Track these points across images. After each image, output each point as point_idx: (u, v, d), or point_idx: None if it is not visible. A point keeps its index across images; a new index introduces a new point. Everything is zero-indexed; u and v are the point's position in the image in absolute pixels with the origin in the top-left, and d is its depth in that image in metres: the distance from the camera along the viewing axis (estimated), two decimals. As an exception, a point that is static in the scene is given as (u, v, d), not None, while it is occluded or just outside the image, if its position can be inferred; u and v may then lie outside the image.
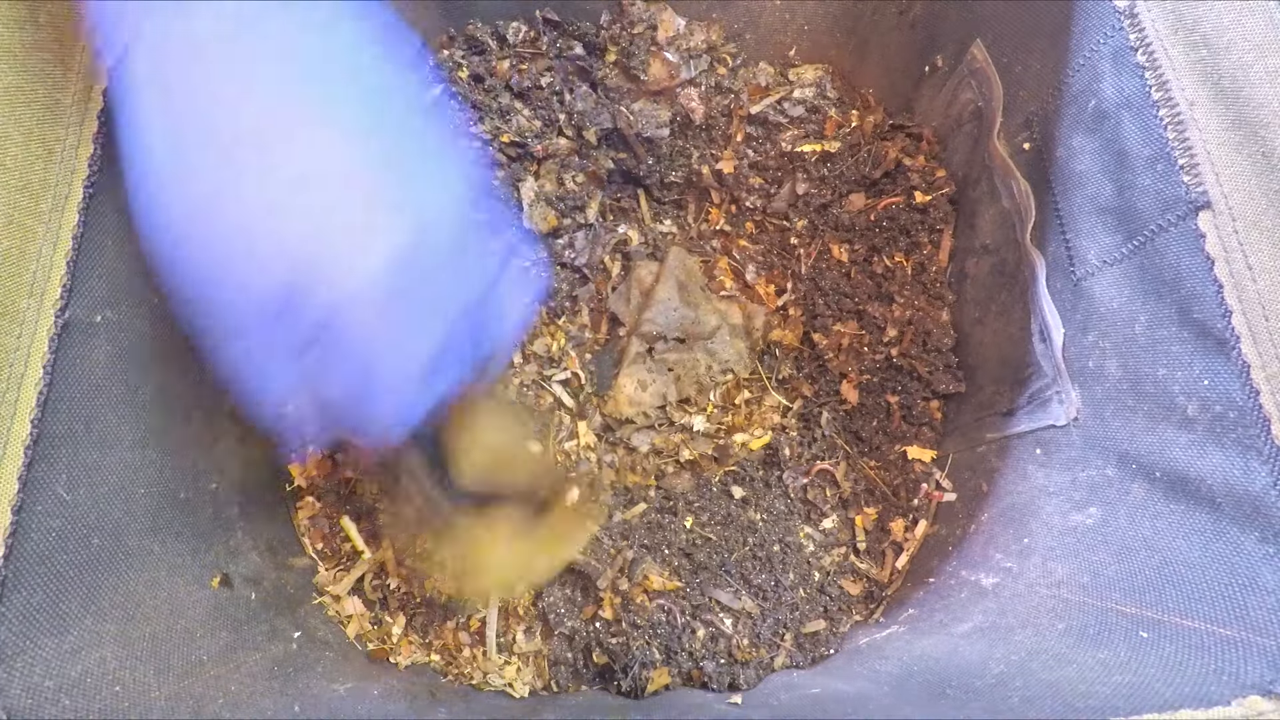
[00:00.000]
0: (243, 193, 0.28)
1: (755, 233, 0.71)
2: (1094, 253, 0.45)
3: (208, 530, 0.47)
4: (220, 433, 0.50)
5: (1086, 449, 0.46)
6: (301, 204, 0.29)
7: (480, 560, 0.54)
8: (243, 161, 0.28)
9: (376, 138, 0.30)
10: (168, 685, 0.40)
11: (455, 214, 0.32)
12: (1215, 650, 0.34)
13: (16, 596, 0.34)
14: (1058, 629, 0.42)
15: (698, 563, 0.58)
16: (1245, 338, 0.35)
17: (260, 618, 0.48)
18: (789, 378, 0.67)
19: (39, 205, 0.36)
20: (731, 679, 0.54)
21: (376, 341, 0.31)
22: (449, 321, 0.34)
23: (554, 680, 0.56)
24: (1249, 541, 0.35)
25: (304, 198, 0.29)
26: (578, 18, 0.67)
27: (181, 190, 0.29)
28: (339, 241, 0.29)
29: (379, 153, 0.30)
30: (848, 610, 0.58)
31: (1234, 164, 0.36)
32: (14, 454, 0.34)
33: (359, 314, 0.30)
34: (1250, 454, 0.35)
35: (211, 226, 0.29)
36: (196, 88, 0.28)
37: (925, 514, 0.60)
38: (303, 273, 0.29)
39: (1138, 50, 0.40)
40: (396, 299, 0.31)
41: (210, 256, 0.29)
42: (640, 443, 0.64)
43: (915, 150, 0.66)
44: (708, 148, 0.69)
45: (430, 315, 0.33)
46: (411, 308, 0.32)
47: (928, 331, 0.62)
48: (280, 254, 0.29)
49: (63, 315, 0.37)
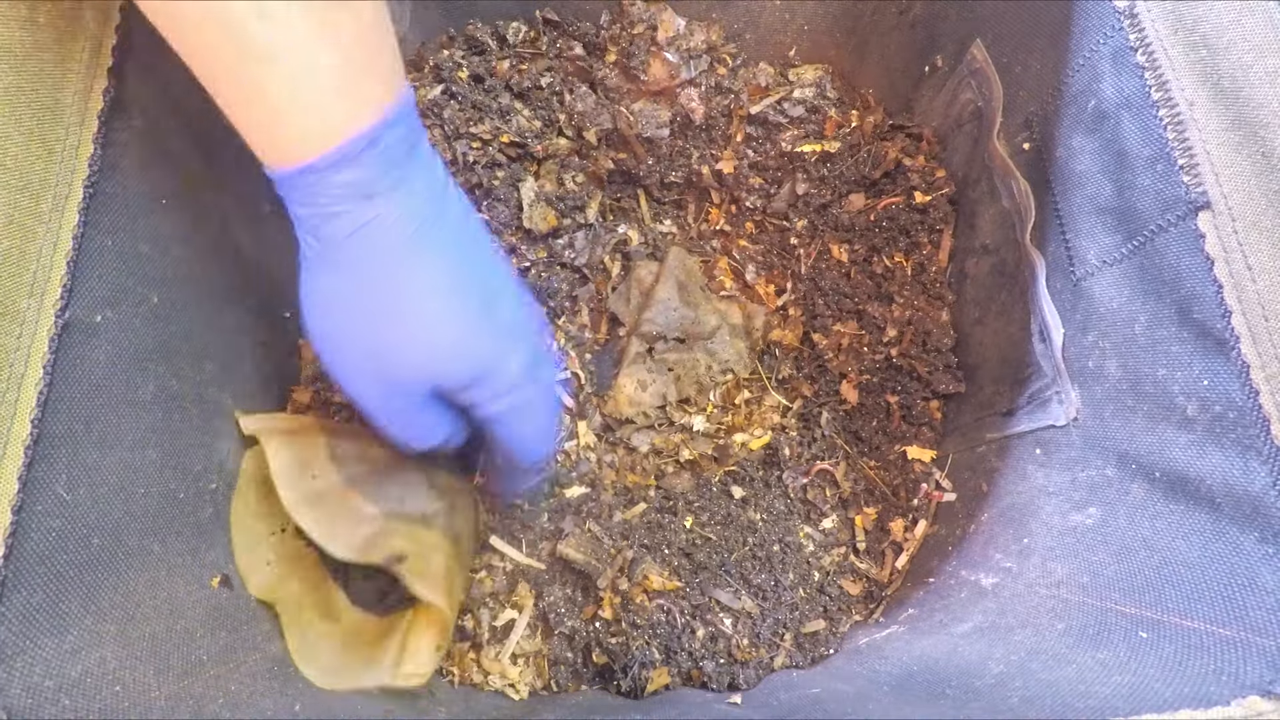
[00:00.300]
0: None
1: (755, 233, 0.71)
2: (1094, 253, 0.45)
3: (208, 530, 0.47)
4: (220, 433, 0.50)
5: (1086, 449, 0.46)
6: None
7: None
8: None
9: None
10: (167, 685, 0.40)
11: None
12: (1215, 650, 0.34)
13: (16, 596, 0.34)
14: (1057, 629, 0.42)
15: (697, 563, 0.58)
16: (1245, 338, 0.35)
17: (260, 618, 0.48)
18: (789, 378, 0.67)
19: (39, 205, 0.36)
20: (731, 679, 0.54)
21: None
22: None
23: (554, 680, 0.56)
24: (1248, 541, 0.35)
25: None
26: (578, 18, 0.67)
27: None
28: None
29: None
30: (847, 610, 0.58)
31: (1234, 164, 0.36)
32: (14, 454, 0.34)
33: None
34: (1250, 454, 0.35)
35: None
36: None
37: (925, 514, 0.60)
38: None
39: (1137, 50, 0.40)
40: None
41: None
42: (640, 443, 0.64)
43: (915, 150, 0.66)
44: (708, 148, 0.69)
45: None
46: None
47: (928, 331, 0.62)
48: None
49: (63, 315, 0.37)
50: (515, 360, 0.41)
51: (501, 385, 0.41)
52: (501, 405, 0.41)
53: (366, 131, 0.34)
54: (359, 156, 0.34)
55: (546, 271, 0.68)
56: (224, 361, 0.51)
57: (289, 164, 0.34)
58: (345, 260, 0.36)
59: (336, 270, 0.37)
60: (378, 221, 0.35)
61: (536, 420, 0.44)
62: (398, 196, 0.36)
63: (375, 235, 0.36)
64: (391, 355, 0.38)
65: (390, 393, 0.40)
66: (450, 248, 0.38)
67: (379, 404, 0.41)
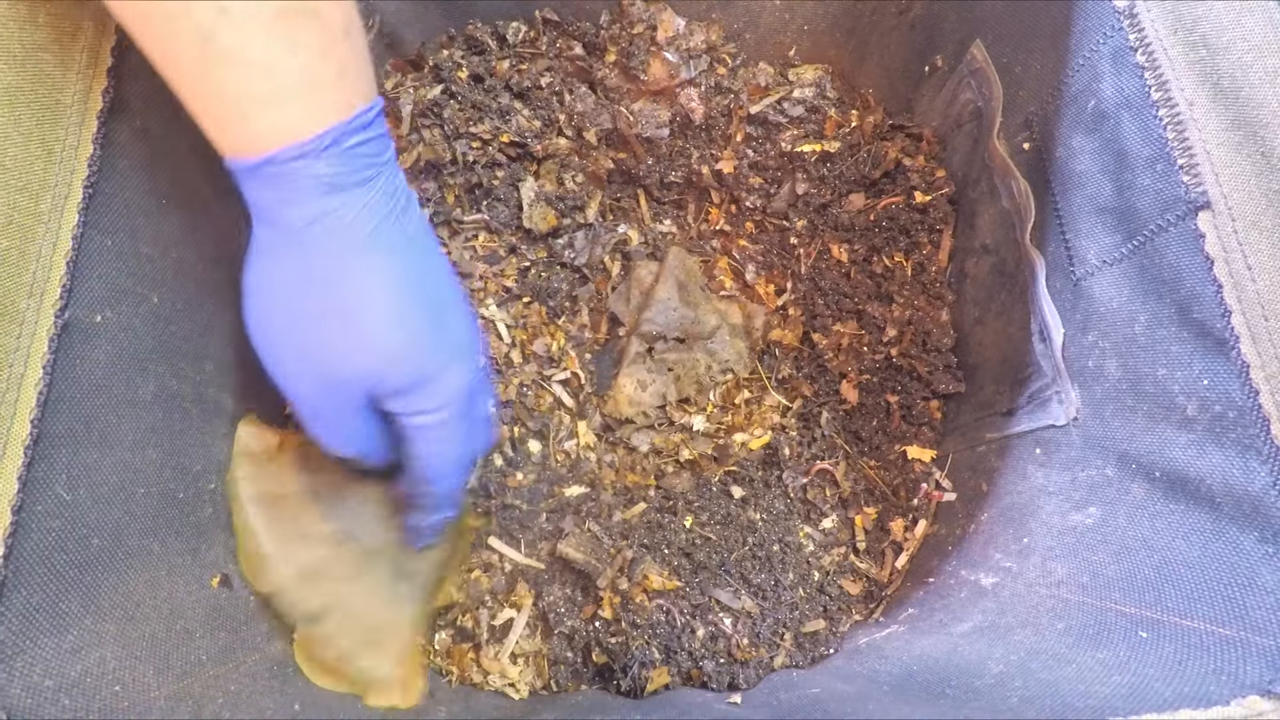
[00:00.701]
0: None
1: (755, 233, 0.71)
2: (1094, 252, 0.45)
3: (207, 530, 0.47)
4: (220, 433, 0.50)
5: (1086, 449, 0.46)
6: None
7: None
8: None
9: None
10: (167, 685, 0.40)
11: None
12: (1215, 650, 0.34)
13: (16, 596, 0.34)
14: (1057, 629, 0.42)
15: (697, 562, 0.58)
16: (1245, 338, 0.35)
17: (259, 618, 0.48)
18: (789, 378, 0.67)
19: (38, 206, 0.36)
20: (731, 678, 0.54)
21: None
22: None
23: (553, 680, 0.56)
24: (1248, 541, 0.35)
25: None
26: (578, 18, 0.67)
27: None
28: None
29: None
30: (847, 610, 0.58)
31: (1233, 164, 0.36)
32: (14, 454, 0.34)
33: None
34: (1250, 454, 0.35)
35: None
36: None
37: (925, 514, 0.60)
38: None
39: (1137, 50, 0.40)
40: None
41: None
42: (640, 443, 0.64)
43: (915, 150, 0.66)
44: (707, 148, 0.69)
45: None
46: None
47: (927, 331, 0.62)
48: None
49: (62, 315, 0.37)
50: (455, 376, 0.41)
51: (436, 398, 0.40)
52: (430, 419, 0.41)
53: (331, 130, 0.34)
54: (323, 153, 0.34)
55: (546, 271, 0.68)
56: (224, 362, 0.51)
57: (249, 156, 0.35)
58: (298, 251, 0.36)
59: (287, 260, 0.37)
60: (337, 214, 0.36)
61: (457, 444, 0.43)
62: (360, 194, 0.36)
63: (333, 226, 0.36)
64: (334, 351, 0.38)
65: (325, 390, 0.40)
66: (406, 252, 0.38)
67: (311, 400, 0.41)
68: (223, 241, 0.51)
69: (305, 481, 0.50)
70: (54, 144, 0.37)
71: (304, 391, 0.40)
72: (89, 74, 0.39)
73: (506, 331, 0.65)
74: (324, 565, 0.48)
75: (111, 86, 0.40)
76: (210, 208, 0.50)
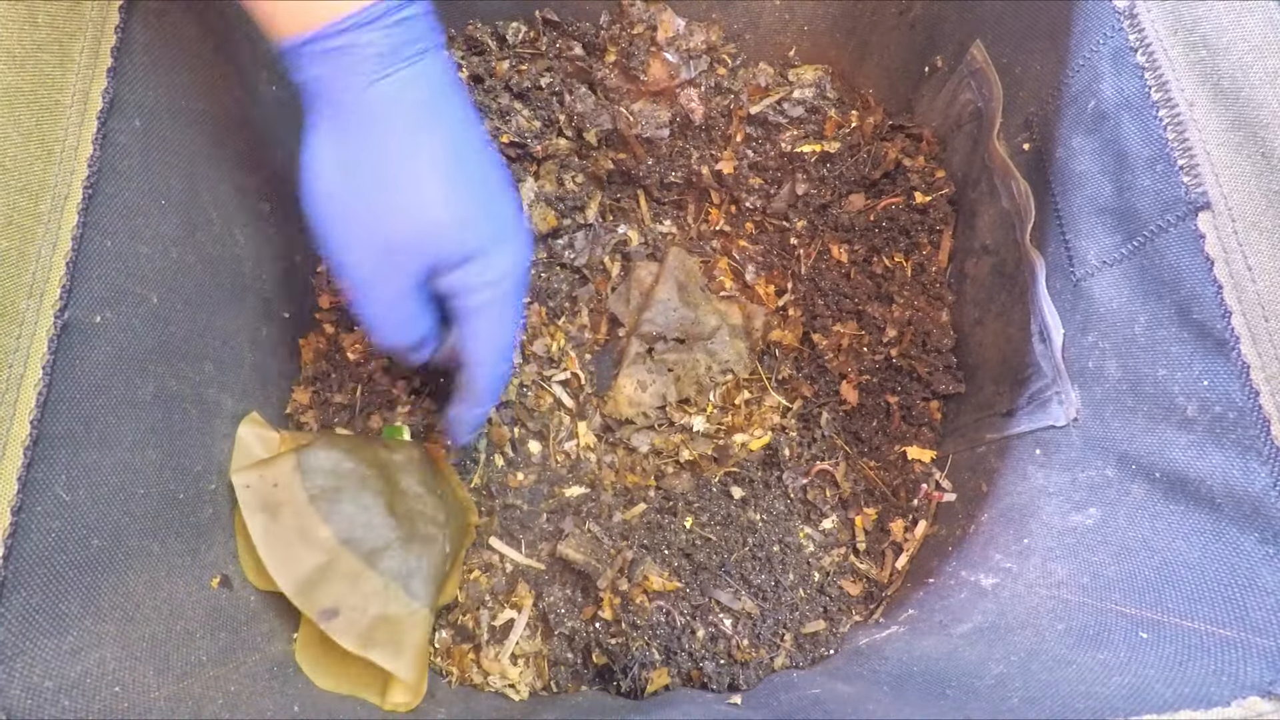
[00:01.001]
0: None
1: (755, 233, 0.71)
2: (1094, 253, 0.45)
3: (207, 531, 0.47)
4: (219, 433, 0.50)
5: (1086, 449, 0.46)
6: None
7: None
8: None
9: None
10: (167, 686, 0.40)
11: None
12: (1215, 651, 0.34)
13: (16, 597, 0.34)
14: (1057, 630, 0.42)
15: (697, 563, 0.58)
16: (1245, 338, 0.35)
17: (260, 618, 0.48)
18: (789, 378, 0.67)
19: (38, 206, 0.36)
20: (731, 679, 0.54)
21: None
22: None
23: (553, 681, 0.56)
24: (1249, 542, 0.35)
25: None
26: (577, 18, 0.67)
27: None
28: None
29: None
30: (847, 611, 0.58)
31: (1234, 164, 0.36)
32: (13, 455, 0.34)
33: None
34: (1250, 455, 0.35)
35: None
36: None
37: (925, 514, 0.60)
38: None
39: (1137, 51, 0.40)
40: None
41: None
42: (640, 443, 0.64)
43: (915, 151, 0.66)
44: (707, 148, 0.69)
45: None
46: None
47: (927, 332, 0.62)
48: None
49: (62, 316, 0.37)
50: (505, 254, 0.42)
51: (490, 273, 0.42)
52: (485, 296, 0.42)
53: (380, 3, 0.36)
54: (376, 22, 0.36)
55: (546, 272, 0.68)
56: (223, 362, 0.51)
57: (307, 29, 0.36)
58: (358, 122, 0.38)
59: (347, 132, 0.38)
60: (395, 79, 0.37)
61: (507, 325, 0.44)
62: (418, 64, 0.38)
63: (389, 96, 0.37)
64: (393, 215, 0.39)
65: (382, 259, 0.40)
66: (461, 127, 0.40)
67: (367, 272, 0.41)
68: (222, 242, 0.51)
69: (306, 483, 0.49)
70: (53, 144, 0.37)
71: (361, 262, 0.41)
72: (88, 74, 0.39)
73: (506, 332, 0.65)
74: (326, 569, 0.47)
75: (111, 87, 0.40)
76: (210, 208, 0.50)
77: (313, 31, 0.36)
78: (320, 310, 0.63)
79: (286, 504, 0.48)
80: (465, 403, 0.48)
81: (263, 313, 0.56)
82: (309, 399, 0.60)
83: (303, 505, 0.48)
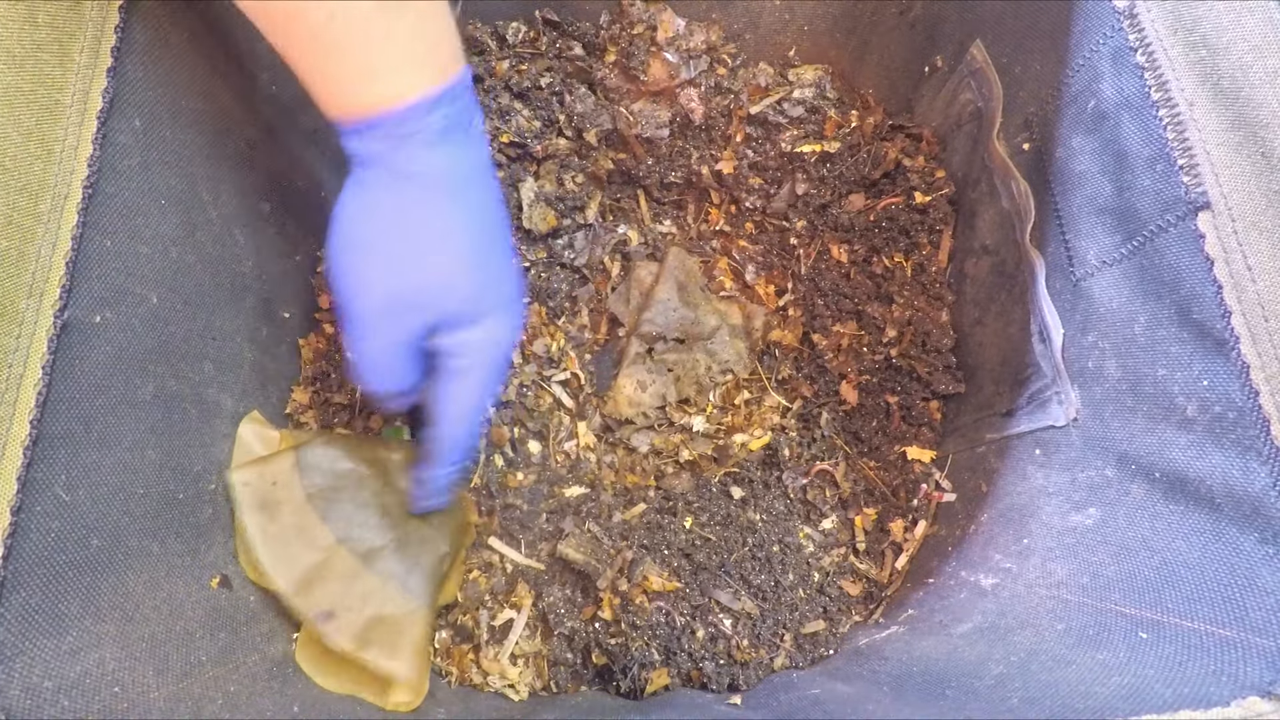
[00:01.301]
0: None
1: (755, 233, 0.71)
2: (1093, 253, 0.45)
3: (207, 531, 0.47)
4: (219, 434, 0.50)
5: (1086, 449, 0.46)
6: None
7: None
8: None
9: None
10: (167, 686, 0.40)
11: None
12: (1215, 651, 0.34)
13: (15, 597, 0.34)
14: (1057, 630, 0.42)
15: (697, 563, 0.58)
16: (1245, 338, 0.35)
17: (259, 619, 0.48)
18: (788, 378, 0.67)
19: (38, 206, 0.36)
20: (731, 679, 0.54)
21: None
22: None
23: (553, 681, 0.56)
24: (1248, 542, 0.35)
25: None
26: (577, 18, 0.67)
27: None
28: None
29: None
30: (847, 611, 0.58)
31: (1233, 164, 0.36)
32: (13, 455, 0.34)
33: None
34: (1250, 455, 0.35)
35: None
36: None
37: (925, 514, 0.60)
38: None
39: (1137, 50, 0.40)
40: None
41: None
42: (640, 443, 0.64)
43: (915, 151, 0.66)
44: (707, 148, 0.69)
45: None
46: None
47: (927, 332, 0.62)
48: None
49: (62, 316, 0.37)
50: (505, 323, 0.45)
51: (485, 339, 0.44)
52: (473, 360, 0.45)
53: (447, 87, 0.39)
54: (439, 105, 0.39)
55: (546, 272, 0.68)
56: (223, 362, 0.51)
57: (367, 115, 0.39)
58: (402, 186, 0.41)
59: (386, 193, 0.41)
60: (444, 154, 0.40)
61: (485, 390, 0.47)
62: (465, 140, 0.41)
63: (440, 165, 0.41)
64: (416, 276, 0.42)
65: (391, 316, 0.43)
66: (492, 202, 0.44)
67: (374, 326, 0.43)
68: (222, 242, 0.51)
69: (304, 481, 0.49)
70: (53, 144, 0.37)
71: (369, 310, 0.43)
72: (88, 74, 0.39)
73: (506, 332, 0.65)
74: (323, 568, 0.47)
75: (111, 86, 0.40)
76: (209, 208, 0.50)
77: (374, 117, 0.39)
78: (320, 310, 0.63)
79: (285, 502, 0.48)
80: (427, 463, 0.50)
81: (262, 313, 0.56)
82: (309, 399, 0.60)
83: (301, 504, 0.48)
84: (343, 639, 0.46)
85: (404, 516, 0.52)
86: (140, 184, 0.43)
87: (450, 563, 0.54)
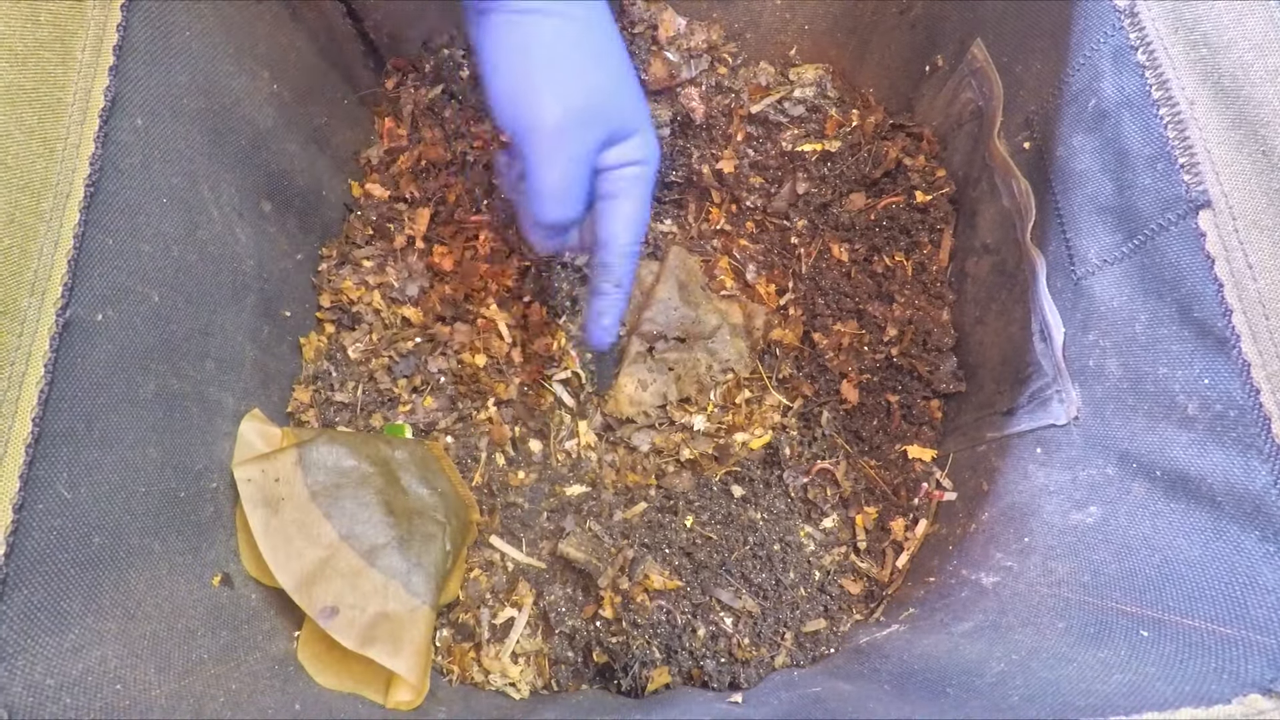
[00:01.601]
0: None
1: (755, 232, 0.71)
2: (1094, 252, 0.45)
3: (209, 529, 0.47)
4: (221, 432, 0.50)
5: (1087, 448, 0.46)
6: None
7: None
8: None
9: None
10: (168, 683, 0.40)
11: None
12: (1216, 649, 0.34)
13: (18, 595, 0.34)
14: (1058, 628, 0.42)
15: (698, 562, 0.58)
16: (1245, 336, 0.35)
17: (261, 617, 0.48)
18: (789, 377, 0.67)
19: (40, 204, 0.36)
20: (732, 678, 0.54)
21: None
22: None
23: (554, 679, 0.56)
24: (1249, 540, 0.35)
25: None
26: (578, 17, 0.66)
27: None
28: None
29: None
30: (848, 609, 0.58)
31: (1234, 163, 0.36)
32: (15, 452, 0.34)
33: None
34: (1251, 453, 0.35)
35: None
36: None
37: (925, 513, 0.60)
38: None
39: (1138, 49, 0.40)
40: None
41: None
42: (640, 442, 0.64)
43: (915, 150, 0.66)
44: (708, 147, 0.69)
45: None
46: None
47: (928, 331, 0.62)
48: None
49: (64, 314, 0.37)
50: (653, 134, 0.49)
51: (646, 150, 0.48)
52: (635, 173, 0.48)
53: None
54: None
55: (547, 271, 0.68)
56: (224, 360, 0.51)
57: None
58: (538, 20, 0.44)
59: (527, 29, 0.44)
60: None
61: (646, 207, 0.50)
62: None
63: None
64: (585, 88, 0.45)
65: (565, 136, 0.45)
66: (614, 25, 0.48)
67: (552, 150, 0.45)
68: (224, 240, 0.51)
69: (307, 479, 0.50)
70: (56, 142, 0.37)
71: (554, 126, 0.45)
72: (91, 72, 0.39)
73: (507, 331, 0.65)
74: (326, 565, 0.47)
75: (113, 85, 0.40)
76: (211, 206, 0.50)
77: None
78: (321, 309, 0.64)
79: (288, 499, 0.48)
80: (604, 283, 0.51)
81: (264, 311, 0.56)
82: (310, 397, 0.60)
83: (304, 501, 0.49)
84: (347, 636, 0.46)
85: (407, 514, 0.52)
86: (142, 182, 0.43)
87: (452, 561, 0.54)
